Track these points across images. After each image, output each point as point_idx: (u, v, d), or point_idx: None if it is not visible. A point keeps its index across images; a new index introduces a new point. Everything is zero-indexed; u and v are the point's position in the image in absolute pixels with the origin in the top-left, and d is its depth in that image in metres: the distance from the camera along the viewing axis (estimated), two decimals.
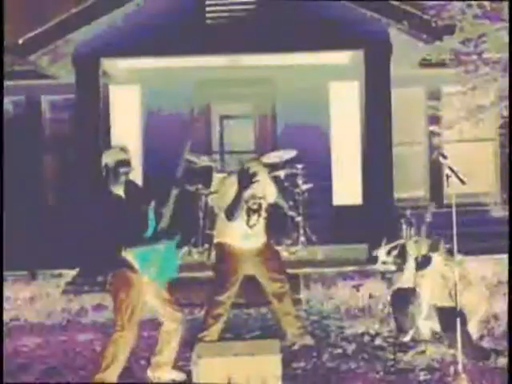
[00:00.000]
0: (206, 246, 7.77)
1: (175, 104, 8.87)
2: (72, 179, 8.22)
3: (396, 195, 8.24)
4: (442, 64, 7.67)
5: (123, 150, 4.80)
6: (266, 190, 5.65)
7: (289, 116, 9.01)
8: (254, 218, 5.58)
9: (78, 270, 7.87)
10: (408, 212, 8.04)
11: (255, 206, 5.58)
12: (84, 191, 4.96)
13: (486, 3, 6.85)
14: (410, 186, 9.18)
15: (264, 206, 5.65)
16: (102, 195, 4.79)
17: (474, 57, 7.09)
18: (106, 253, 4.78)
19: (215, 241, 5.74)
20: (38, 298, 7.43)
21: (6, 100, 8.43)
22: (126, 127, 7.59)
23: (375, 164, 8.11)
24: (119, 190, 4.76)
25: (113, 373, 4.70)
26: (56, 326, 6.67)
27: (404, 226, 7.95)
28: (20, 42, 7.77)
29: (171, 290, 4.89)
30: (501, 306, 5.26)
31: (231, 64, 8.65)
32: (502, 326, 5.19)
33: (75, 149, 8.29)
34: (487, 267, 6.56)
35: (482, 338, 5.33)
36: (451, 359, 4.97)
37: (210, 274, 6.08)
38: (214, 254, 5.91)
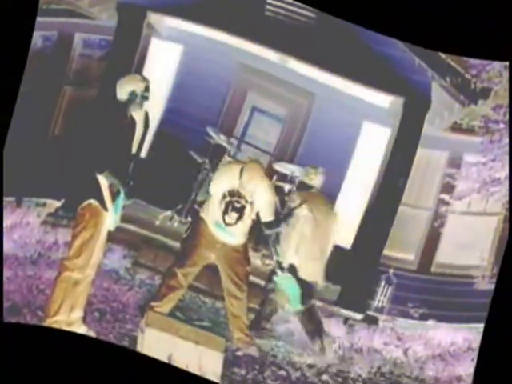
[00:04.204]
0: (189, 219, 7.54)
1: (213, 76, 8.69)
2: (87, 113, 8.04)
3: (385, 252, 8.11)
4: (471, 130, 7.51)
5: (142, 77, 4.79)
6: (257, 196, 5.58)
7: (316, 137, 8.87)
8: (233, 215, 5.48)
9: (63, 201, 7.65)
10: (391, 271, 8.03)
11: (237, 205, 5.47)
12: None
13: None
14: (402, 246, 9.04)
15: (248, 211, 5.55)
16: (117, 118, 4.68)
17: (502, 125, 6.90)
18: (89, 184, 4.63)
19: (200, 214, 5.69)
20: (18, 227, 7.18)
21: (36, 34, 8.33)
22: (158, 81, 7.46)
23: (378, 217, 8.03)
24: (138, 114, 4.69)
25: (63, 319, 4.50)
26: (27, 258, 6.47)
27: (383, 283, 7.93)
28: None
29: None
30: (466, 369, 5.19)
31: (279, 62, 8.48)
32: None
33: (99, 87, 8.11)
34: (459, 334, 6.52)
35: None
36: None
37: None
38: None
